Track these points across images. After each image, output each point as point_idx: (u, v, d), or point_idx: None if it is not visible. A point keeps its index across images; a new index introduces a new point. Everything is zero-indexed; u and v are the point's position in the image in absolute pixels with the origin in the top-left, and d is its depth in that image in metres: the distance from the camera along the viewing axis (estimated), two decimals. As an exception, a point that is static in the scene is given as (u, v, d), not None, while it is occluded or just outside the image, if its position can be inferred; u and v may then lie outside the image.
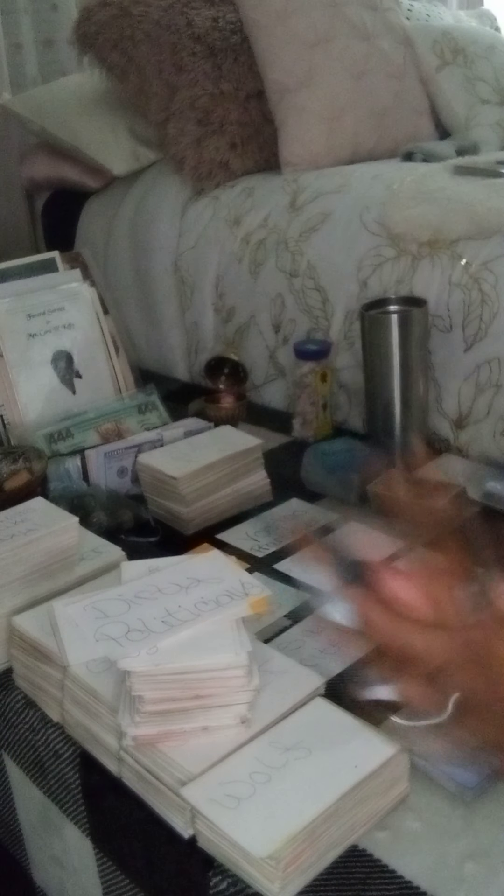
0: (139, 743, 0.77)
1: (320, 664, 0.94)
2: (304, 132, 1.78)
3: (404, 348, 1.32)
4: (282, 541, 1.19)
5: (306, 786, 0.71)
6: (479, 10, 2.69)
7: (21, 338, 1.44)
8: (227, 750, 0.75)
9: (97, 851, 0.87)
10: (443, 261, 1.38)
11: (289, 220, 1.63)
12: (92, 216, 2.08)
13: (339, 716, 0.79)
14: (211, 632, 0.80)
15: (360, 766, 0.73)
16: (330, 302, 1.54)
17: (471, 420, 1.36)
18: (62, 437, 1.36)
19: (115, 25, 1.83)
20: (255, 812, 0.69)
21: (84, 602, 0.87)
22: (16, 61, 2.34)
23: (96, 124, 2.00)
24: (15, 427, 1.42)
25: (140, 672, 0.76)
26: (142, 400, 1.46)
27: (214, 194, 1.80)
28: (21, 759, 0.95)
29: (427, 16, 2.22)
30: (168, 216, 1.86)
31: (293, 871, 0.68)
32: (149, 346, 1.95)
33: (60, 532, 1.01)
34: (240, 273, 1.70)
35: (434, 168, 1.61)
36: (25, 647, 0.91)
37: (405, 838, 0.73)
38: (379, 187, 1.55)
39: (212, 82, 1.80)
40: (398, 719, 0.84)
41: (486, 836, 0.73)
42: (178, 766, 0.74)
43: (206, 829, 0.71)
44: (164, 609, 0.83)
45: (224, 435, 1.33)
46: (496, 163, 1.59)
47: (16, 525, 1.01)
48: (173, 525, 1.25)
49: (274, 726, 0.78)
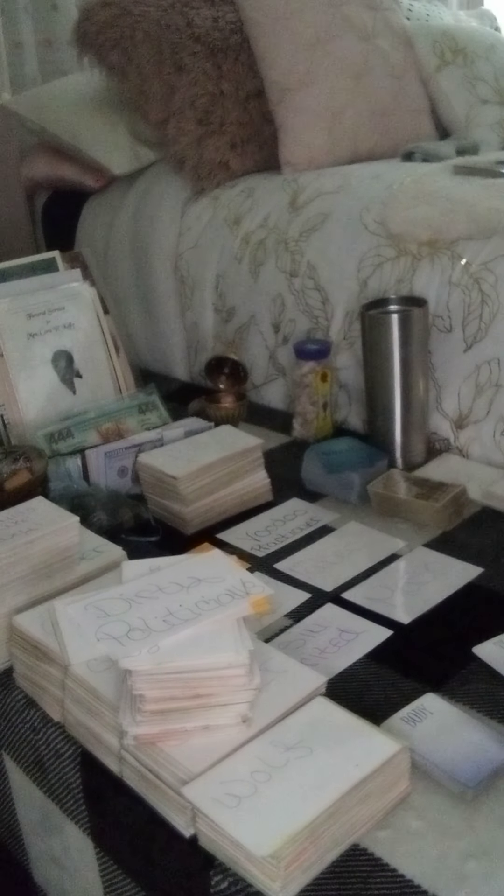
0: (140, 742, 0.77)
1: (321, 663, 0.94)
2: (304, 132, 1.78)
3: (404, 348, 1.32)
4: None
5: (307, 785, 0.71)
6: (479, 10, 2.69)
7: (21, 337, 1.44)
8: (228, 749, 0.75)
9: (98, 851, 0.87)
10: (443, 261, 1.38)
11: (289, 220, 1.63)
12: (92, 216, 2.08)
13: (340, 715, 0.79)
14: (212, 631, 0.80)
15: (361, 766, 0.73)
16: (330, 302, 1.54)
17: (471, 420, 1.36)
18: (62, 437, 1.36)
19: (115, 25, 1.83)
20: (256, 811, 0.69)
21: (85, 601, 0.87)
22: (16, 61, 2.34)
23: (96, 124, 2.00)
24: (15, 427, 1.42)
25: (141, 671, 0.77)
26: (142, 400, 1.46)
27: (214, 194, 1.80)
28: (22, 758, 0.95)
29: (427, 16, 2.22)
30: (168, 216, 1.86)
31: (294, 870, 0.68)
32: (149, 346, 1.95)
33: (61, 532, 1.01)
34: (240, 273, 1.70)
35: (434, 168, 1.61)
36: (26, 646, 0.91)
37: (406, 837, 0.73)
38: (379, 187, 1.55)
39: (212, 82, 1.80)
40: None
41: (487, 835, 0.73)
42: (179, 766, 0.74)
43: (207, 829, 0.71)
44: (165, 608, 0.83)
45: (224, 435, 1.33)
46: (496, 163, 1.59)
47: (16, 525, 1.01)
48: (174, 525, 1.25)
49: (275, 725, 0.78)
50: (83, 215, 2.10)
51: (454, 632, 0.99)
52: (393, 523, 1.22)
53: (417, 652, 0.97)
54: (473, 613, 1.02)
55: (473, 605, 1.04)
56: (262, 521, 1.26)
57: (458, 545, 1.16)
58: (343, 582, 1.10)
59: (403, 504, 1.22)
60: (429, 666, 0.94)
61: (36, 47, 2.37)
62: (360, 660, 0.95)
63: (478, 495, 1.26)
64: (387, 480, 1.27)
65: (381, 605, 1.05)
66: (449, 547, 1.16)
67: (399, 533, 1.20)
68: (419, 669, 0.93)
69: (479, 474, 1.31)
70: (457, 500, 1.22)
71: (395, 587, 1.08)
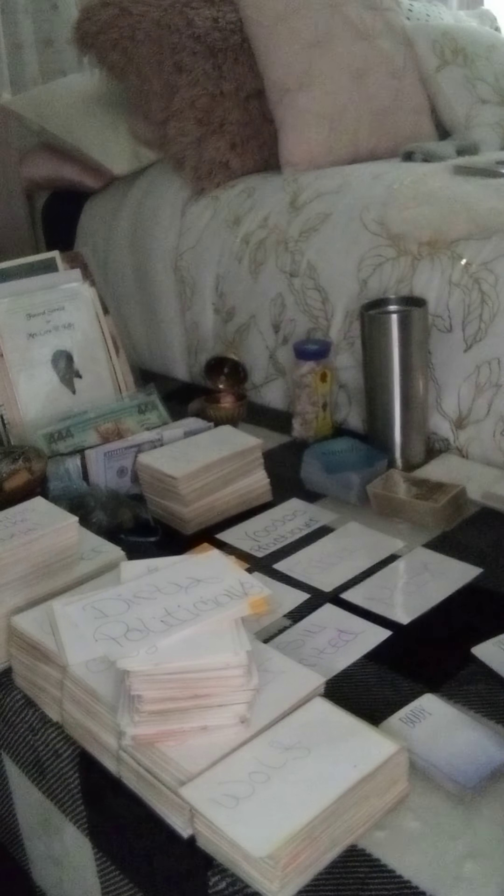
0: (138, 742, 0.77)
1: (320, 664, 0.94)
2: (304, 132, 1.78)
3: (404, 348, 1.32)
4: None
5: (305, 785, 0.71)
6: (479, 10, 2.69)
7: (21, 338, 1.44)
8: (227, 750, 0.75)
9: (96, 851, 0.87)
10: (443, 261, 1.38)
11: (289, 220, 1.63)
12: (92, 216, 2.08)
13: (338, 715, 0.78)
14: (210, 631, 0.80)
15: (359, 766, 0.73)
16: (330, 302, 1.54)
17: (471, 420, 1.36)
18: (62, 437, 1.36)
19: (116, 25, 1.83)
20: (254, 812, 0.69)
21: (83, 602, 0.87)
22: (16, 61, 2.34)
23: (96, 124, 2.00)
24: (15, 427, 1.42)
25: (139, 672, 0.77)
26: (142, 400, 1.46)
27: (214, 194, 1.80)
28: (20, 758, 0.95)
29: (427, 16, 2.22)
30: (168, 216, 1.86)
31: (292, 871, 0.68)
32: (149, 346, 1.95)
33: (60, 532, 1.01)
34: (240, 273, 1.70)
35: (434, 168, 1.61)
36: (25, 646, 0.91)
37: (404, 838, 0.73)
38: (379, 187, 1.55)
39: (212, 82, 1.80)
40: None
41: (485, 836, 0.73)
42: (178, 766, 0.74)
43: (205, 829, 0.71)
44: (164, 609, 0.83)
45: (224, 435, 1.33)
46: (496, 163, 1.59)
47: (16, 525, 1.01)
48: (173, 525, 1.25)
49: (273, 726, 0.78)
50: (83, 215, 2.10)
51: (453, 632, 0.99)
52: (392, 523, 1.22)
53: (416, 653, 0.96)
54: (473, 614, 1.02)
55: (473, 605, 1.04)
56: (262, 521, 1.26)
57: (458, 545, 1.16)
58: (342, 582, 1.10)
59: (403, 504, 1.22)
60: (428, 667, 0.94)
61: (36, 47, 2.37)
62: (359, 660, 0.95)
63: (477, 495, 1.25)
64: (386, 481, 1.26)
65: (381, 605, 1.05)
66: (448, 547, 1.16)
67: (398, 533, 1.20)
68: (418, 670, 0.93)
69: (479, 474, 1.31)
70: (456, 500, 1.22)
71: (394, 587, 1.08)
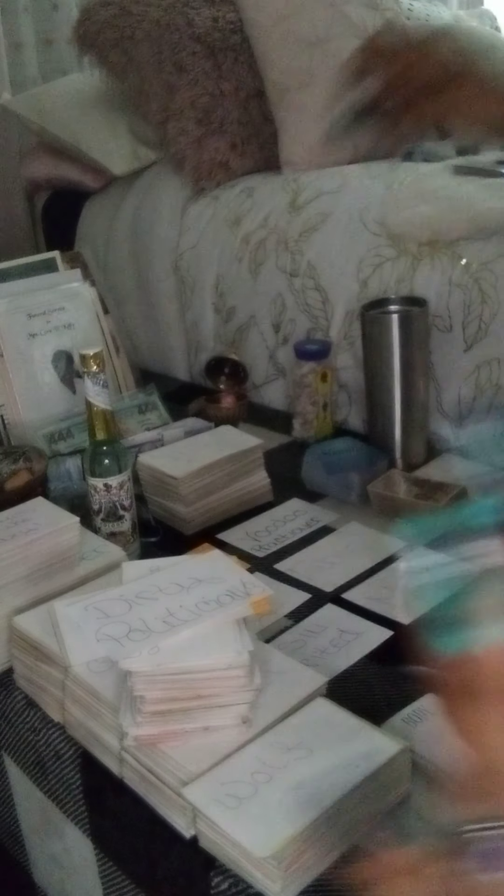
0: (140, 743, 0.77)
1: (321, 664, 0.94)
2: (304, 132, 1.78)
3: (404, 348, 1.32)
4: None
5: (308, 786, 0.71)
6: (479, 10, 2.68)
7: (21, 338, 1.44)
8: (229, 750, 0.75)
9: (98, 852, 0.87)
10: (443, 261, 1.38)
11: (289, 220, 1.63)
12: (92, 216, 2.08)
13: (340, 715, 0.78)
14: (212, 632, 0.80)
15: (361, 766, 0.73)
16: (330, 302, 1.54)
17: (471, 420, 1.36)
18: (62, 437, 1.36)
19: (115, 25, 1.83)
20: (256, 812, 0.69)
21: (85, 602, 0.87)
22: (16, 61, 2.34)
23: (96, 124, 2.00)
24: (15, 427, 1.42)
25: (141, 672, 0.76)
26: (142, 400, 1.46)
27: (214, 194, 1.80)
28: (22, 759, 0.95)
29: (427, 16, 2.22)
30: (168, 216, 1.86)
31: (294, 871, 0.68)
32: (149, 346, 1.95)
33: (61, 532, 1.01)
34: (240, 273, 1.70)
35: (434, 168, 1.61)
36: (26, 647, 0.91)
37: (406, 838, 0.73)
38: (379, 187, 1.55)
39: (212, 82, 1.80)
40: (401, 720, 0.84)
41: (487, 836, 0.73)
42: (180, 766, 0.74)
43: (207, 829, 0.71)
44: (166, 609, 0.83)
45: (224, 435, 1.33)
46: (496, 163, 1.58)
47: (16, 525, 1.01)
48: (174, 525, 1.25)
49: (275, 726, 0.77)
50: (83, 215, 2.10)
51: (454, 632, 0.99)
52: (393, 523, 1.22)
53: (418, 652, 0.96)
54: (474, 614, 1.02)
55: (474, 605, 1.04)
56: (263, 521, 1.26)
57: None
58: (343, 582, 1.10)
59: (403, 504, 1.22)
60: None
61: (36, 47, 2.37)
62: (361, 660, 0.95)
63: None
64: (387, 481, 1.26)
65: (382, 605, 1.05)
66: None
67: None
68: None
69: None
70: (457, 500, 1.22)
71: (395, 587, 1.08)
